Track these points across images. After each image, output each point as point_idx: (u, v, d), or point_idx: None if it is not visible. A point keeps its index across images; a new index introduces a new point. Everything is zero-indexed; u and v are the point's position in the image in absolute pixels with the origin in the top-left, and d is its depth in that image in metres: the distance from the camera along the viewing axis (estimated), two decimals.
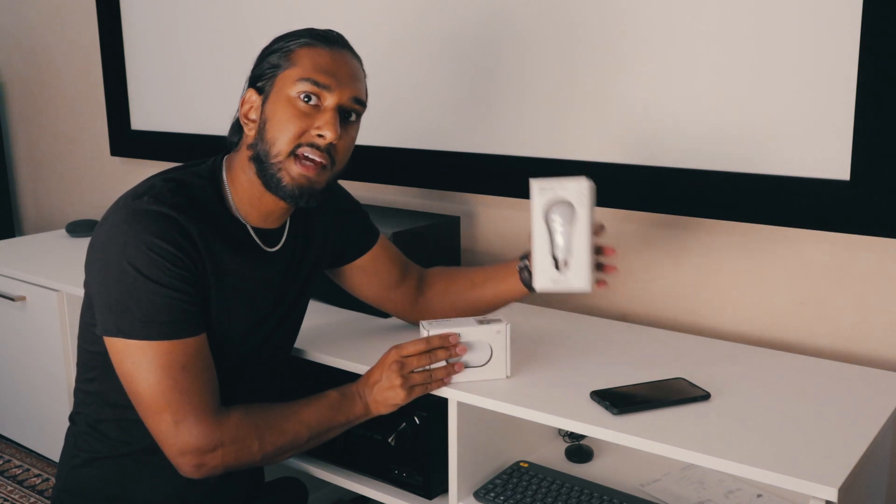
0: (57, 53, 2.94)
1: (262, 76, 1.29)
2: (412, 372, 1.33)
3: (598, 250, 1.39)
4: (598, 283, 1.38)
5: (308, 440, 1.31)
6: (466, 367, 1.36)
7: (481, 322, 1.38)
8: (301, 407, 1.31)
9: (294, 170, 1.26)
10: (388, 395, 1.33)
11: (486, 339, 1.37)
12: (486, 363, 1.37)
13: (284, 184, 1.27)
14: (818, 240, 1.57)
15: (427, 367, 1.34)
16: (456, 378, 1.36)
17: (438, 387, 1.35)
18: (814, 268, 1.58)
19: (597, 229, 1.37)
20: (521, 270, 1.46)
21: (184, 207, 1.24)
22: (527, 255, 1.43)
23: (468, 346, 1.36)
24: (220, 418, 1.23)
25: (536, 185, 1.35)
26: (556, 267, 1.35)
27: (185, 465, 1.23)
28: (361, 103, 1.31)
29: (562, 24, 1.75)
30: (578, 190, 1.32)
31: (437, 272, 1.59)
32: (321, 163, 1.26)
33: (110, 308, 1.21)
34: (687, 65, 1.61)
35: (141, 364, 1.20)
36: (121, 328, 1.20)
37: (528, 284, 1.45)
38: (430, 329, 1.36)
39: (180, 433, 1.21)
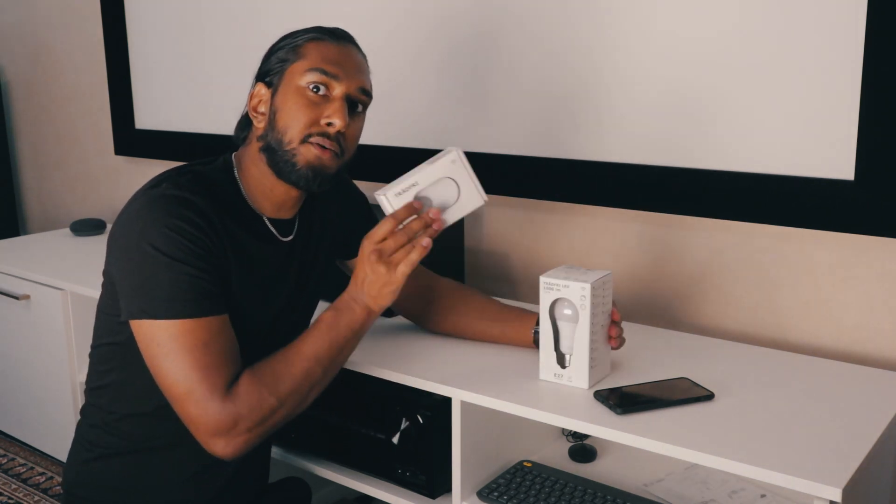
0: (61, 52, 2.95)
1: (270, 71, 1.32)
2: (394, 253, 1.25)
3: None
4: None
5: (324, 372, 1.28)
6: (442, 209, 1.27)
7: (432, 162, 1.28)
8: (300, 344, 1.28)
9: (310, 152, 1.28)
10: (381, 287, 1.26)
11: (444, 174, 1.28)
12: (458, 198, 1.29)
13: (299, 167, 1.29)
14: (823, 240, 1.57)
15: (405, 243, 1.25)
16: (442, 217, 1.27)
17: (425, 252, 1.27)
18: (818, 268, 1.58)
19: (609, 321, 1.37)
20: (535, 334, 1.46)
21: (201, 193, 1.26)
22: None
23: (432, 190, 1.27)
24: (230, 393, 1.21)
25: (543, 281, 1.34)
26: (560, 362, 1.36)
27: (217, 448, 1.22)
28: (368, 94, 1.34)
29: (562, 24, 1.75)
30: (581, 293, 1.31)
31: (451, 286, 1.59)
32: (332, 150, 1.29)
33: (134, 291, 1.22)
34: (690, 64, 1.61)
35: (165, 344, 1.20)
36: (145, 309, 1.21)
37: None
38: (387, 196, 1.25)
39: (202, 414, 1.20)
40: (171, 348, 1.20)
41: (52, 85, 3.02)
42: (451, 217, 1.29)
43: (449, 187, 1.28)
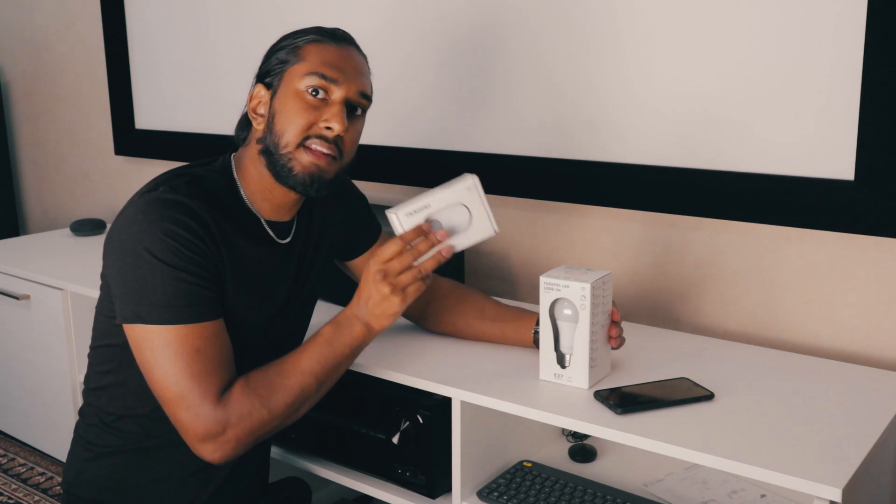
0: (61, 52, 2.95)
1: (270, 72, 1.32)
2: (399, 275, 1.24)
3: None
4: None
5: (319, 386, 1.28)
6: (451, 234, 1.26)
7: (447, 186, 1.26)
8: (298, 357, 1.27)
9: (305, 158, 1.28)
10: (384, 307, 1.25)
11: (458, 200, 1.26)
12: (469, 226, 1.27)
13: (296, 173, 1.28)
14: (822, 240, 1.57)
15: (413, 265, 1.24)
16: (450, 243, 1.26)
17: (429, 282, 1.27)
18: (818, 268, 1.58)
19: (609, 322, 1.37)
20: (535, 334, 1.46)
21: (199, 196, 1.26)
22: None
23: (444, 215, 1.26)
24: (222, 400, 1.22)
25: (543, 281, 1.34)
26: (560, 361, 1.36)
27: (204, 453, 1.23)
28: (367, 98, 1.33)
29: (564, 23, 1.75)
30: (581, 293, 1.31)
31: (450, 286, 1.59)
32: (330, 154, 1.28)
33: (128, 296, 1.22)
34: (690, 63, 1.61)
35: (157, 349, 1.21)
36: (139, 314, 1.21)
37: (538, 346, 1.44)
38: (398, 215, 1.24)
39: (192, 420, 1.21)
40: (163, 353, 1.20)
41: (52, 85, 3.02)
42: (460, 244, 1.27)
43: (461, 214, 1.27)
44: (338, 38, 1.32)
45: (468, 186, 1.26)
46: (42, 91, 3.07)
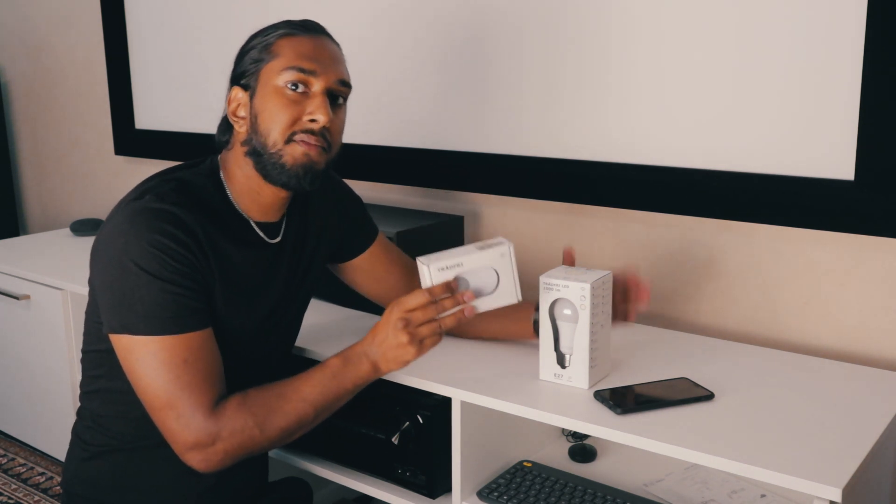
0: (61, 52, 2.95)
1: (245, 73, 1.31)
2: (420, 326, 1.25)
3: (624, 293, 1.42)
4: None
5: (316, 416, 1.28)
6: (477, 295, 1.27)
7: (482, 248, 1.28)
8: (301, 383, 1.27)
9: (297, 150, 1.27)
10: (398, 354, 1.25)
11: (490, 263, 1.27)
12: (495, 290, 1.29)
13: (288, 167, 1.27)
14: (822, 240, 1.56)
15: (434, 318, 1.25)
16: (474, 304, 1.27)
17: (441, 338, 1.28)
18: (818, 268, 1.58)
19: (609, 321, 1.38)
20: (535, 323, 1.45)
21: (186, 204, 1.25)
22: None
23: (473, 274, 1.27)
24: (216, 411, 1.22)
25: (543, 281, 1.34)
26: (559, 361, 1.36)
27: (192, 461, 1.23)
28: (347, 85, 1.32)
29: (561, 24, 1.75)
30: (581, 293, 1.31)
31: None
32: (319, 146, 1.28)
33: (114, 306, 1.22)
34: (690, 63, 1.61)
35: (144, 360, 1.21)
36: (125, 325, 1.21)
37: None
38: (430, 268, 1.25)
39: (182, 429, 1.21)
40: (150, 364, 1.20)
41: (53, 85, 3.02)
42: (483, 306, 1.29)
43: (489, 277, 1.28)
44: (309, 29, 1.31)
45: (503, 253, 1.28)
46: (42, 91, 3.07)
